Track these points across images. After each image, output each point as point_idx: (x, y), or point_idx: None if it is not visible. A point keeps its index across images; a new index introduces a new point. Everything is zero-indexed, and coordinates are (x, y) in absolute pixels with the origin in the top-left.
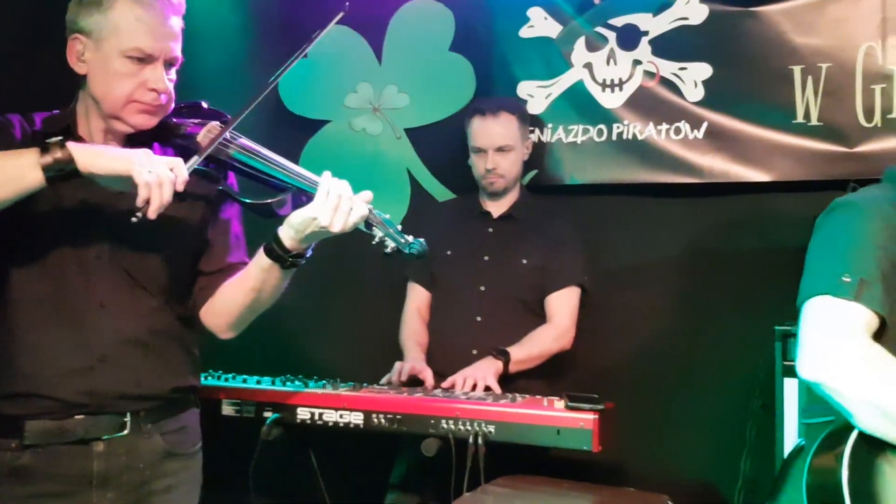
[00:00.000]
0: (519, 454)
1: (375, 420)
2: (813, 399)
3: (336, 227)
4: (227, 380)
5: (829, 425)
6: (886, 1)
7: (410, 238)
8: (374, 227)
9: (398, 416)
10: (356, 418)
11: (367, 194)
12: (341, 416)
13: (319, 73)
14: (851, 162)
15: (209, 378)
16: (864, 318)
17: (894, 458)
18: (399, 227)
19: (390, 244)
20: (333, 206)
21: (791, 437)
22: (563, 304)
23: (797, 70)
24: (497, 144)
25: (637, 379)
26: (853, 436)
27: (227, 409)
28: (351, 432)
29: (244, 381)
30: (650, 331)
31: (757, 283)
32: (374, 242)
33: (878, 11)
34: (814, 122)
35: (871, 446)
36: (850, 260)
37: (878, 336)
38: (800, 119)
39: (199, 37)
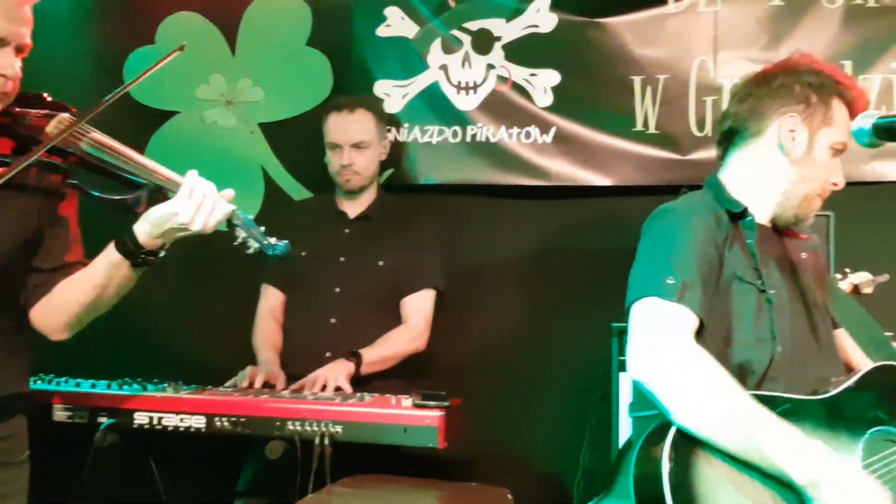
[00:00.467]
0: (371, 454)
1: (218, 423)
2: (641, 394)
3: (196, 225)
4: (59, 384)
5: (656, 419)
6: (718, 19)
7: (273, 240)
8: (237, 228)
9: (242, 419)
10: (198, 422)
11: (229, 193)
12: (182, 420)
13: (169, 62)
14: (684, 168)
15: (39, 382)
16: (686, 319)
17: (711, 454)
18: (262, 229)
19: (253, 245)
20: (197, 203)
21: (627, 430)
22: (418, 307)
23: (637, 80)
24: (353, 140)
25: (488, 376)
26: (672, 431)
27: (59, 415)
28: (192, 437)
29: (77, 384)
30: (501, 329)
31: (598, 283)
32: (235, 243)
33: (710, 28)
34: (651, 130)
35: (690, 441)
36: (673, 263)
37: (697, 336)
38: (639, 127)
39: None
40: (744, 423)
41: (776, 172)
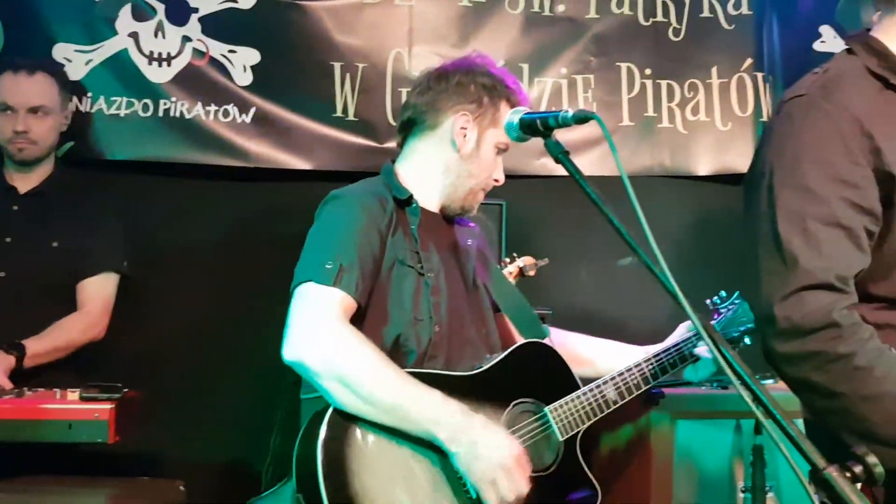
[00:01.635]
0: (37, 453)
1: None
2: None
3: None
4: None
5: (322, 400)
6: (413, 13)
7: None
8: None
9: None
10: None
11: None
12: None
13: None
14: (381, 155)
15: None
16: (341, 301)
17: (366, 429)
18: None
19: None
20: None
21: None
22: (97, 292)
23: (337, 66)
24: (31, 104)
25: (175, 366)
26: (330, 411)
27: None
28: None
29: None
30: (191, 316)
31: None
32: None
33: (406, 21)
34: (351, 117)
35: (347, 419)
36: (334, 248)
37: (361, 319)
38: (338, 113)
39: None
40: (391, 395)
41: (446, 166)
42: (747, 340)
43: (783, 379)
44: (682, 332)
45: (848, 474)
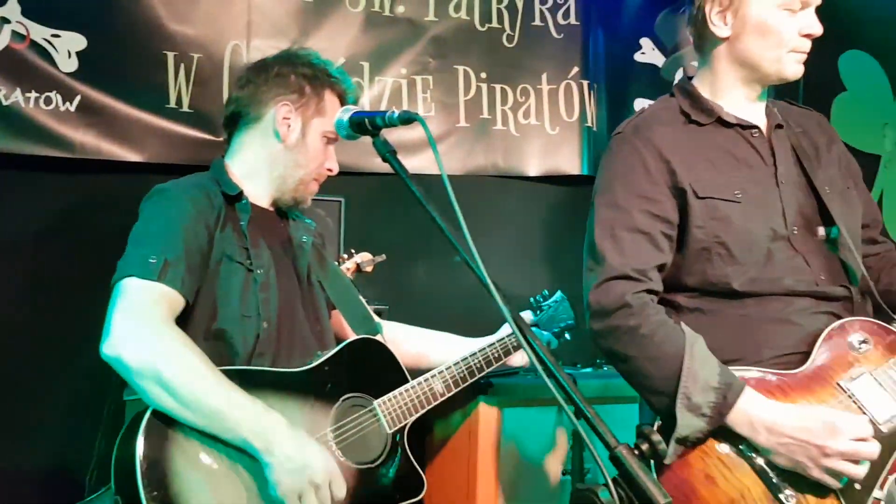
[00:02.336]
0: None
1: None
2: None
3: None
4: None
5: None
6: (252, 6)
7: None
8: None
9: None
10: None
11: None
12: None
13: None
14: (218, 149)
15: None
16: (165, 297)
17: (184, 434)
18: None
19: None
20: None
21: None
22: None
23: (171, 56)
24: None
25: None
26: (148, 413)
27: None
28: None
29: None
30: (7, 314)
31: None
32: None
33: (245, 14)
34: (185, 108)
35: (165, 422)
36: (158, 242)
37: (187, 315)
38: (172, 104)
39: None
40: (210, 402)
41: (273, 157)
42: (567, 336)
43: (601, 353)
44: (508, 329)
45: (636, 452)
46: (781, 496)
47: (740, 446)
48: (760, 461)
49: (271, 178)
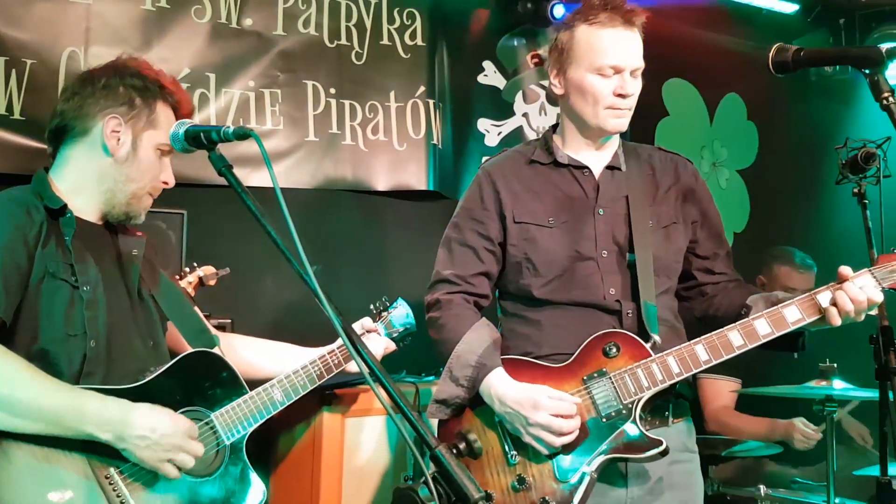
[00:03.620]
0: None
1: None
2: None
3: None
4: None
5: None
6: (91, 12)
7: None
8: None
9: None
10: None
11: None
12: None
13: None
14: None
15: None
16: None
17: (15, 443)
18: None
19: None
20: None
21: None
22: None
23: (2, 61)
24: None
25: None
26: None
27: None
28: None
29: None
30: None
31: None
32: None
33: (83, 20)
34: (16, 115)
35: None
36: None
37: (8, 337)
38: (2, 111)
39: None
40: (43, 402)
41: (101, 172)
42: (408, 341)
43: None
44: None
45: (454, 451)
46: (509, 455)
47: (493, 416)
48: (501, 428)
49: (100, 192)
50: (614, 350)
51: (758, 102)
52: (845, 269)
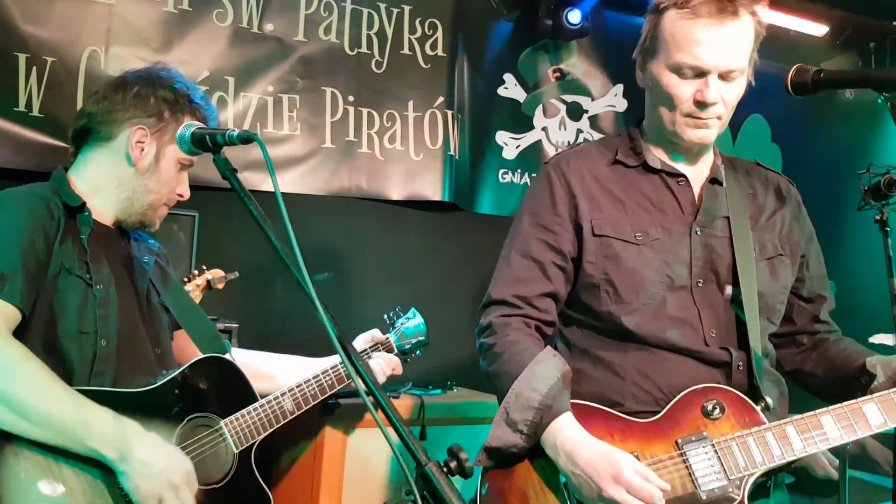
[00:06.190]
0: None
1: None
2: None
3: None
4: None
5: None
6: (113, 12)
7: None
8: None
9: None
10: None
11: None
12: None
13: None
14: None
15: None
16: (1, 312)
17: (22, 447)
18: None
19: None
20: None
21: None
22: None
23: (22, 58)
24: None
25: None
26: None
27: None
28: None
29: None
30: None
31: None
32: None
33: (104, 20)
34: (35, 112)
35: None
36: None
37: (23, 328)
38: (21, 107)
39: None
40: (55, 413)
41: (121, 180)
42: (419, 353)
43: None
44: (359, 344)
45: (445, 469)
46: None
47: (557, 474)
48: (567, 491)
49: (117, 200)
50: (717, 410)
51: (782, 125)
52: None
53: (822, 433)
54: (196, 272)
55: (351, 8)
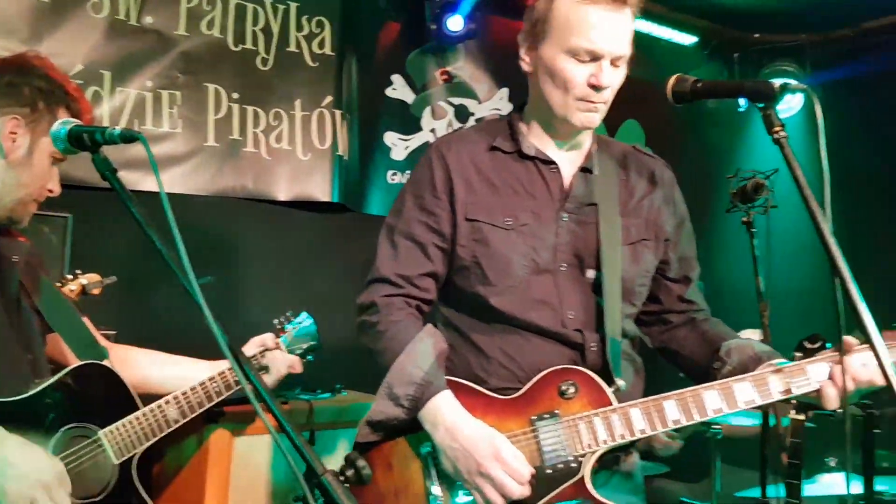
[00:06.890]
0: None
1: None
2: None
3: None
4: None
5: None
6: None
7: None
8: None
9: None
10: None
11: None
12: None
13: None
14: None
15: None
16: None
17: None
18: None
19: None
20: None
21: None
22: None
23: None
24: None
25: None
26: None
27: None
28: None
29: None
30: None
31: None
32: None
33: None
34: None
35: None
36: None
37: None
38: None
39: None
40: None
41: None
42: (310, 358)
43: None
44: (248, 350)
45: (342, 478)
46: (432, 494)
47: (424, 444)
48: (431, 461)
49: None
50: (572, 391)
51: (656, 130)
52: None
53: (662, 415)
54: (69, 276)
55: (235, 3)
